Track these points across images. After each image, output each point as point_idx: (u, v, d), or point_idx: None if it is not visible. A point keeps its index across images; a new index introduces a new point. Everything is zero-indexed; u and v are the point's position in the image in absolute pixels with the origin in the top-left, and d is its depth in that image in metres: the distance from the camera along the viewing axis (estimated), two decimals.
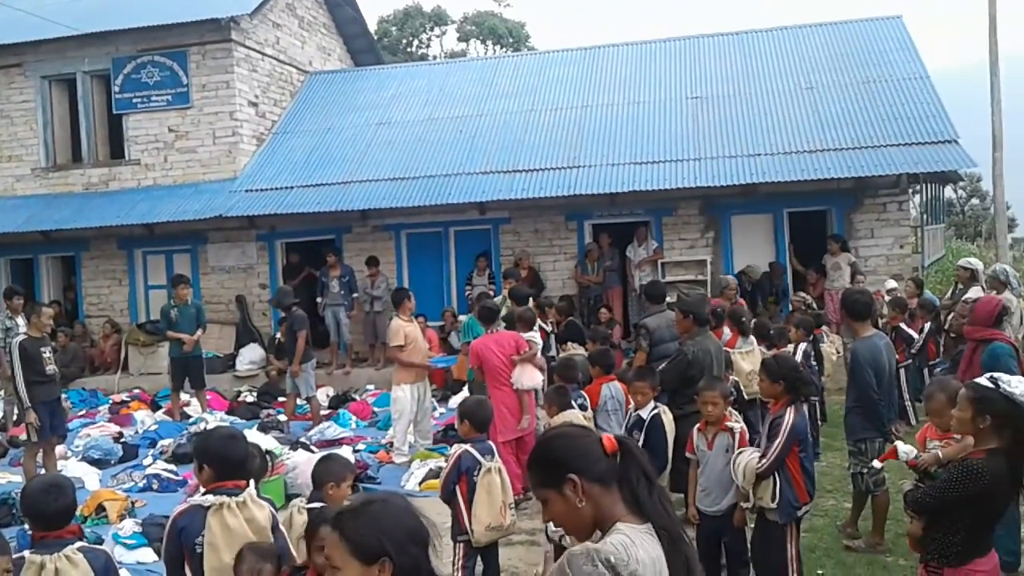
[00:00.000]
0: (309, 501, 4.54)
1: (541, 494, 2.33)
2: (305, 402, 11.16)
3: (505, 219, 14.16)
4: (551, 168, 13.63)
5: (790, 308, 11.73)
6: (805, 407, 8.54)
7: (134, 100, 15.30)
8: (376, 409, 11.86)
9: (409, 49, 39.61)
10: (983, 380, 4.12)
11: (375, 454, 9.50)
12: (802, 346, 8.95)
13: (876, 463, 5.50)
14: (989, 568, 4.01)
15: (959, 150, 12.20)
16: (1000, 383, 4.01)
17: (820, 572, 6.24)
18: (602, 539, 2.22)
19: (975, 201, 39.91)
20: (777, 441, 5.09)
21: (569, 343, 10.54)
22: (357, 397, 12.63)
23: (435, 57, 38.65)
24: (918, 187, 15.58)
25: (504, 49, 38.57)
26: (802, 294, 12.04)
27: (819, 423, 9.08)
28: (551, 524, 5.67)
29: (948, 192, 30.07)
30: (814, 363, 9.18)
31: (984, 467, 3.88)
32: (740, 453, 5.30)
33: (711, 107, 14.23)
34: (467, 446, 5.53)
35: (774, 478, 5.12)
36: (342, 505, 4.00)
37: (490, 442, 5.76)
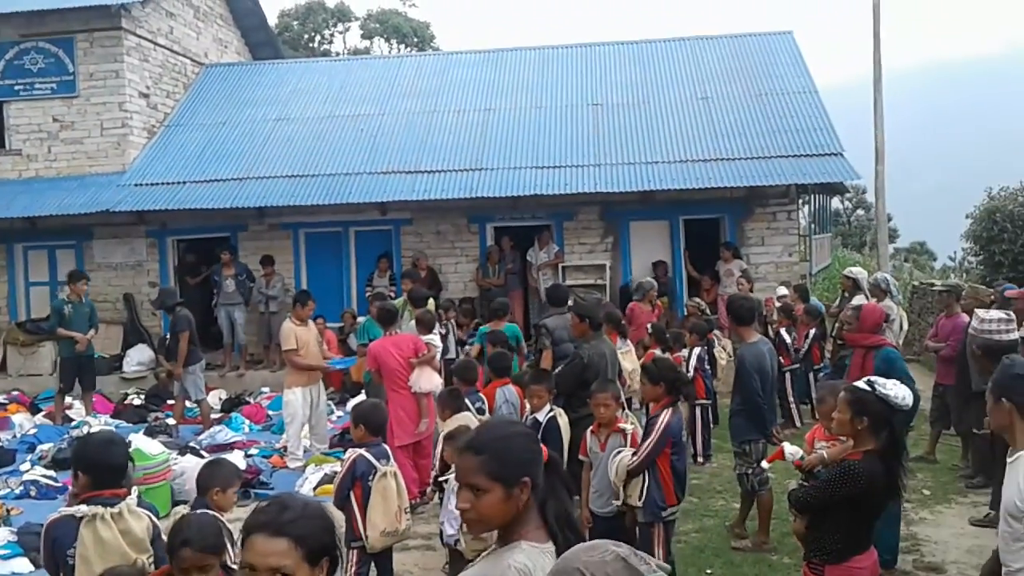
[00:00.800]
0: (193, 507, 4.40)
1: (483, 483, 2.22)
2: (195, 405, 10.81)
3: (407, 220, 14.04)
4: (454, 170, 13.61)
5: (685, 313, 12.01)
6: (698, 410, 8.92)
7: (16, 87, 14.54)
8: (271, 412, 11.56)
9: (311, 45, 38.92)
10: (861, 383, 4.30)
11: (268, 459, 9.27)
12: (696, 350, 9.17)
13: (764, 464, 5.66)
14: (868, 565, 4.18)
15: (844, 162, 12.76)
16: (876, 386, 4.18)
17: (709, 572, 6.40)
18: (505, 553, 2.20)
19: (860, 212, 41.67)
20: (649, 440, 5.20)
21: (468, 345, 10.55)
22: (251, 400, 12.30)
23: (338, 54, 38.09)
24: (807, 197, 16.19)
25: (409, 48, 38.33)
26: (697, 300, 12.34)
27: (711, 426, 9.31)
28: (448, 527, 5.66)
29: (835, 203, 31.44)
30: (708, 367, 9.43)
31: (860, 468, 4.04)
32: (618, 453, 5.39)
33: (611, 114, 14.46)
34: (362, 450, 5.45)
35: (643, 477, 5.23)
36: (212, 513, 3.90)
37: (385, 446, 5.69)
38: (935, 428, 9.01)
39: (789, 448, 4.66)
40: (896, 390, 4.15)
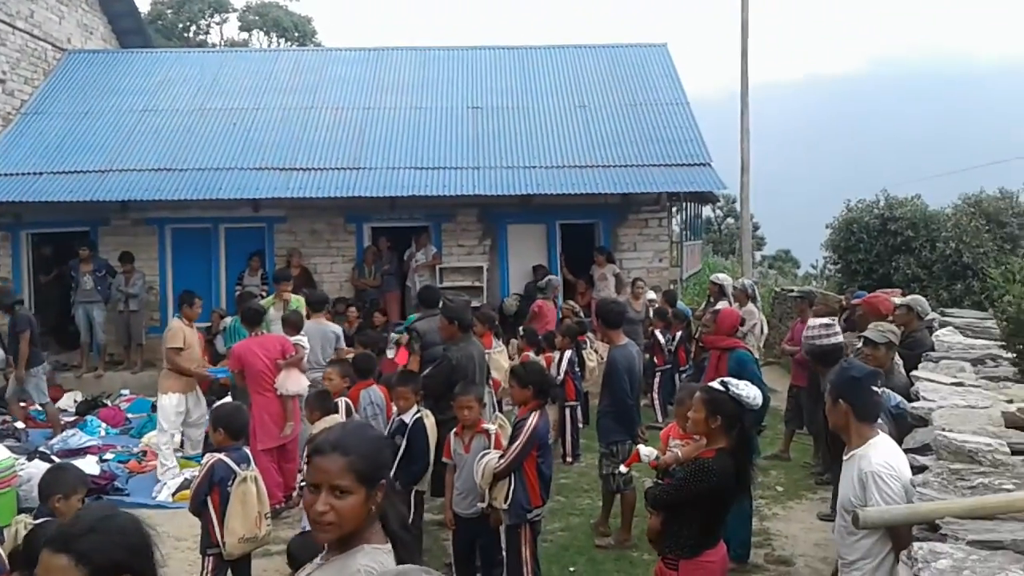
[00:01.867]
0: (36, 516, 4.20)
1: (349, 485, 2.17)
2: (41, 408, 10.23)
3: (281, 218, 13.71)
4: (331, 168, 13.37)
5: (561, 315, 12.19)
6: (568, 411, 9.07)
7: None
8: (129, 415, 11.07)
9: (186, 35, 37.51)
10: (715, 384, 4.48)
11: (125, 464, 8.87)
12: (567, 353, 9.32)
13: (623, 468, 5.78)
14: (718, 559, 4.37)
15: (712, 173, 13.23)
16: (729, 386, 4.37)
17: (572, 569, 6.52)
18: (350, 558, 2.18)
19: (731, 220, 43.21)
20: (517, 443, 5.26)
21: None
22: (109, 402, 11.71)
23: (214, 45, 36.84)
24: (680, 205, 16.72)
25: (289, 43, 37.44)
26: (571, 303, 12.58)
27: (580, 426, 9.48)
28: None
29: (707, 211, 32.57)
30: (578, 369, 9.61)
31: (713, 465, 4.22)
32: (484, 455, 5.43)
33: (490, 118, 14.54)
34: (221, 455, 5.31)
35: (509, 480, 5.29)
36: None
37: (246, 450, 5.54)
38: (789, 427, 9.46)
39: (644, 450, 4.80)
40: (747, 390, 4.35)
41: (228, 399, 8.79)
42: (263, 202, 13.23)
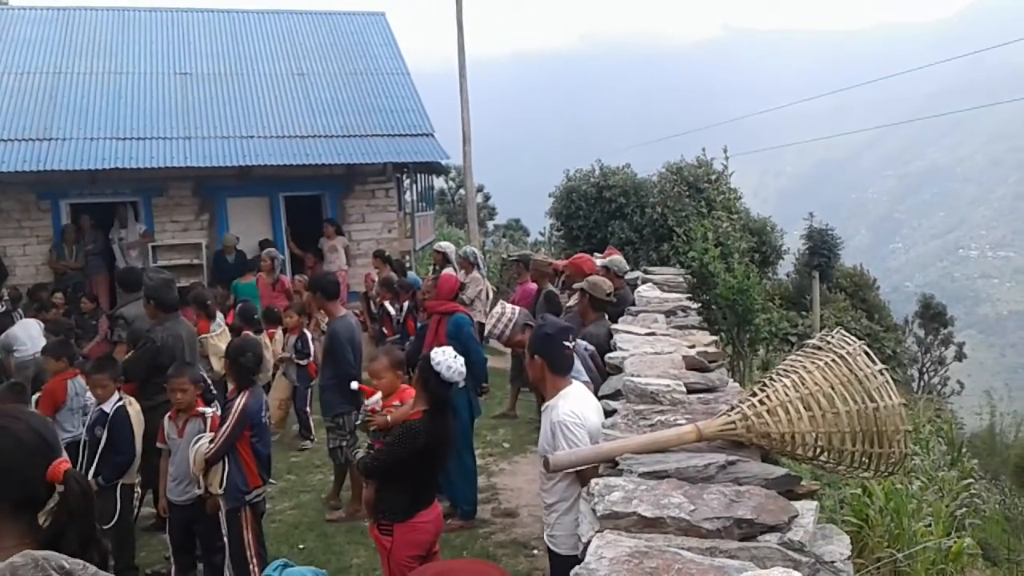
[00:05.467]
0: None
1: None
2: None
3: None
4: (16, 139, 12.03)
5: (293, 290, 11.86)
6: (294, 389, 8.85)
7: None
8: None
9: None
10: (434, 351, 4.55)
11: None
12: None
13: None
14: (432, 518, 4.46)
15: (435, 143, 13.42)
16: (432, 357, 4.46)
17: (302, 546, 6.40)
18: None
19: (463, 191, 44.17)
20: (226, 425, 5.06)
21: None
22: None
23: None
24: (413, 176, 16.82)
25: None
26: (303, 276, 12.24)
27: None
28: None
29: (440, 182, 33.07)
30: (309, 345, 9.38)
31: (420, 426, 4.29)
32: (199, 439, 5.19)
33: (201, 84, 13.74)
34: None
35: (223, 463, 5.09)
36: None
37: None
38: (514, 386, 9.88)
39: (372, 398, 4.87)
40: (440, 356, 4.45)
41: None
42: None
